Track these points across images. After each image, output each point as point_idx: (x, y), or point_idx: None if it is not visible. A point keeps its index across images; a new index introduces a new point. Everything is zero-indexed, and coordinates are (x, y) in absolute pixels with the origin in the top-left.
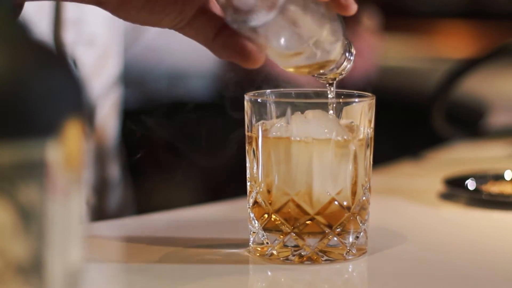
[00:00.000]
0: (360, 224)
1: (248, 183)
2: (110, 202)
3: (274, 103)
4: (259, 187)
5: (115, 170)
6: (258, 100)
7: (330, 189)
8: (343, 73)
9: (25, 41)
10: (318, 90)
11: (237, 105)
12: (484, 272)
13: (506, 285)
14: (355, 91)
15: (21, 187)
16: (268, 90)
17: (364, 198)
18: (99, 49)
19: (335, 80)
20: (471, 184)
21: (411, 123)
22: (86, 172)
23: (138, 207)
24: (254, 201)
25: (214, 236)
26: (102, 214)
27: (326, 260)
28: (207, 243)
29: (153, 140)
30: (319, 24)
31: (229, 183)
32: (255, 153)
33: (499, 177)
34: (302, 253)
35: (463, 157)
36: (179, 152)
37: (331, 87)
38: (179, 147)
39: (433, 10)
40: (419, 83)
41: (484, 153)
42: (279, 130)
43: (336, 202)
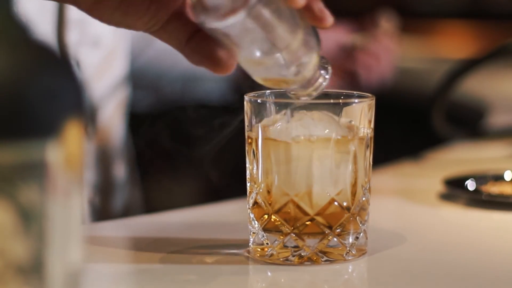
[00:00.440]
0: (360, 225)
1: (248, 184)
2: (116, 203)
3: (274, 104)
4: (259, 188)
5: (121, 170)
6: (258, 100)
7: (330, 190)
8: (316, 91)
9: (26, 42)
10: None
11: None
12: (484, 272)
13: (506, 285)
14: (354, 92)
15: (21, 187)
16: (268, 91)
17: (364, 198)
18: (104, 50)
19: (310, 97)
20: (471, 185)
21: (411, 124)
22: (91, 172)
23: (145, 207)
24: (254, 202)
25: (214, 237)
26: (106, 214)
27: (326, 260)
28: (207, 243)
29: (161, 141)
30: (292, 31)
31: (229, 183)
32: (255, 153)
33: (499, 178)
34: (302, 254)
35: (463, 158)
36: (182, 154)
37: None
38: (182, 148)
39: (433, 10)
40: (419, 83)
41: (484, 154)
42: (279, 131)
43: (336, 203)
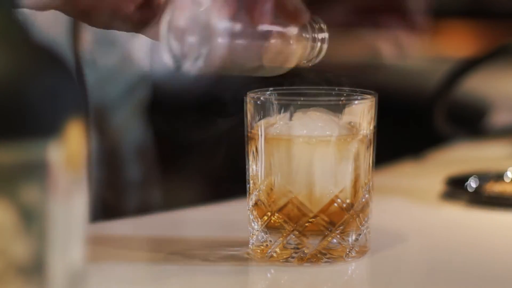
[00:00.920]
0: (360, 225)
1: (248, 184)
2: (129, 202)
3: (275, 103)
4: (259, 188)
5: (136, 170)
6: (259, 99)
7: (331, 189)
8: (321, 54)
9: (27, 41)
10: (319, 89)
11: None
12: (485, 272)
13: (506, 285)
14: (357, 89)
15: (22, 187)
16: (269, 90)
17: (365, 198)
18: (119, 50)
19: (319, 57)
20: (472, 184)
21: (412, 123)
22: (103, 171)
23: (163, 206)
24: (255, 202)
25: (214, 237)
26: (118, 214)
27: (326, 261)
28: (207, 243)
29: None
30: (265, 38)
31: (229, 183)
32: (256, 153)
33: (501, 177)
34: (303, 254)
35: (464, 157)
36: (185, 153)
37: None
38: (185, 149)
39: (434, 9)
40: (420, 82)
41: (486, 153)
42: (280, 130)
43: (337, 203)
